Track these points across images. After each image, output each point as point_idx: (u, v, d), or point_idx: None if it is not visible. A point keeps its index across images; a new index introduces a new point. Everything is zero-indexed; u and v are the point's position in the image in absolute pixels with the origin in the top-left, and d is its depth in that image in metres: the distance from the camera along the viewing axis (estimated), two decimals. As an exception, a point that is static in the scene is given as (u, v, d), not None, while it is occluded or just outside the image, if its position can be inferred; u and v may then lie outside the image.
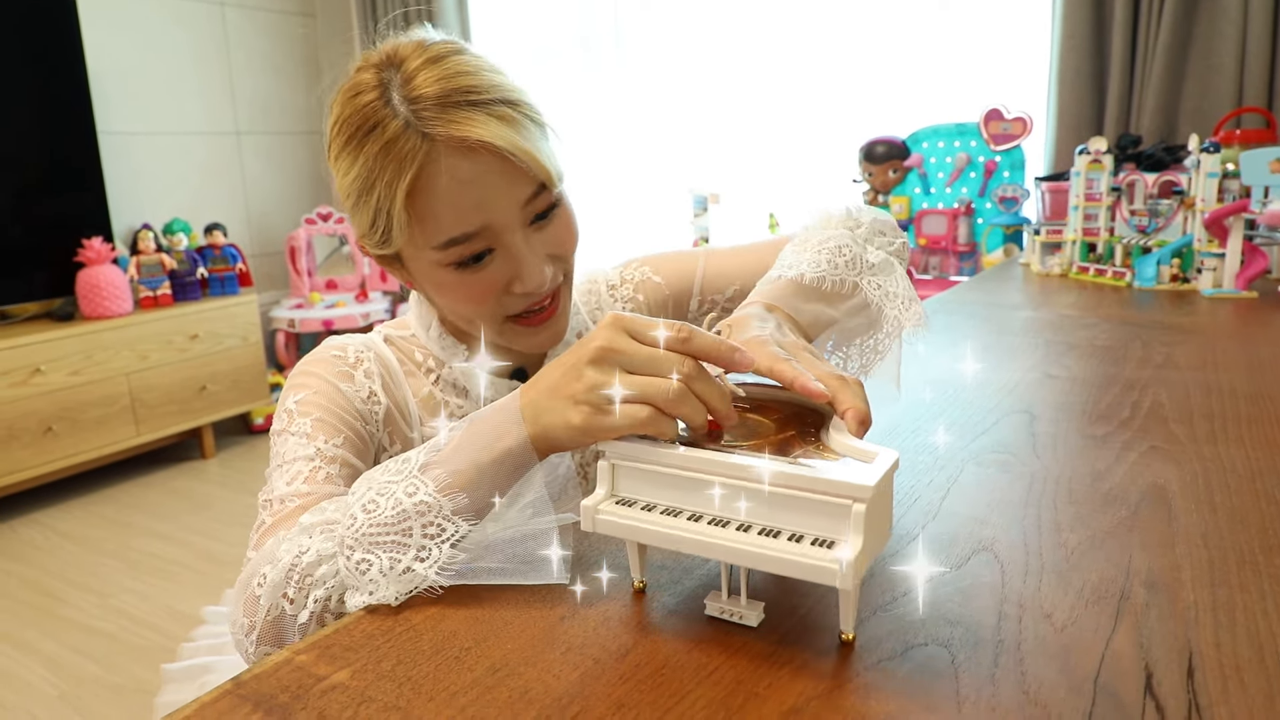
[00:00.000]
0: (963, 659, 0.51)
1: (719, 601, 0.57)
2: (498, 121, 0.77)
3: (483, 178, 0.77)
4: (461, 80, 0.77)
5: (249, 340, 3.69)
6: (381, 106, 0.77)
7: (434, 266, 0.82)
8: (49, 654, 2.22)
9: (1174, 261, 1.79)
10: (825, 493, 0.50)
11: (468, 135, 0.75)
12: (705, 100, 3.63)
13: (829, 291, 0.83)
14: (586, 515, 0.57)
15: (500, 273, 0.83)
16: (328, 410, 0.85)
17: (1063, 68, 2.70)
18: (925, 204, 3.05)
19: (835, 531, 0.50)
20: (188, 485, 3.37)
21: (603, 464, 0.58)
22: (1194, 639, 0.52)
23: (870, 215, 0.97)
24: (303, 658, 0.54)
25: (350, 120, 0.79)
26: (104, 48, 3.55)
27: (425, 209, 0.78)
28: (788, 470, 0.51)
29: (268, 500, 0.81)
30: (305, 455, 0.81)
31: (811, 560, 0.49)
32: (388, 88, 0.78)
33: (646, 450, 0.56)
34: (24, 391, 2.99)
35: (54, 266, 3.29)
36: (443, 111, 0.76)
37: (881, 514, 0.52)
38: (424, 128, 0.76)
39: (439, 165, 0.76)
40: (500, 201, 0.79)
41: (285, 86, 4.33)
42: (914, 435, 0.91)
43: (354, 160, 0.79)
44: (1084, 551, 0.63)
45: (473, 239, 0.80)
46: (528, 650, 0.54)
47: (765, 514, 0.52)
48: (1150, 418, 0.95)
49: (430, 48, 0.80)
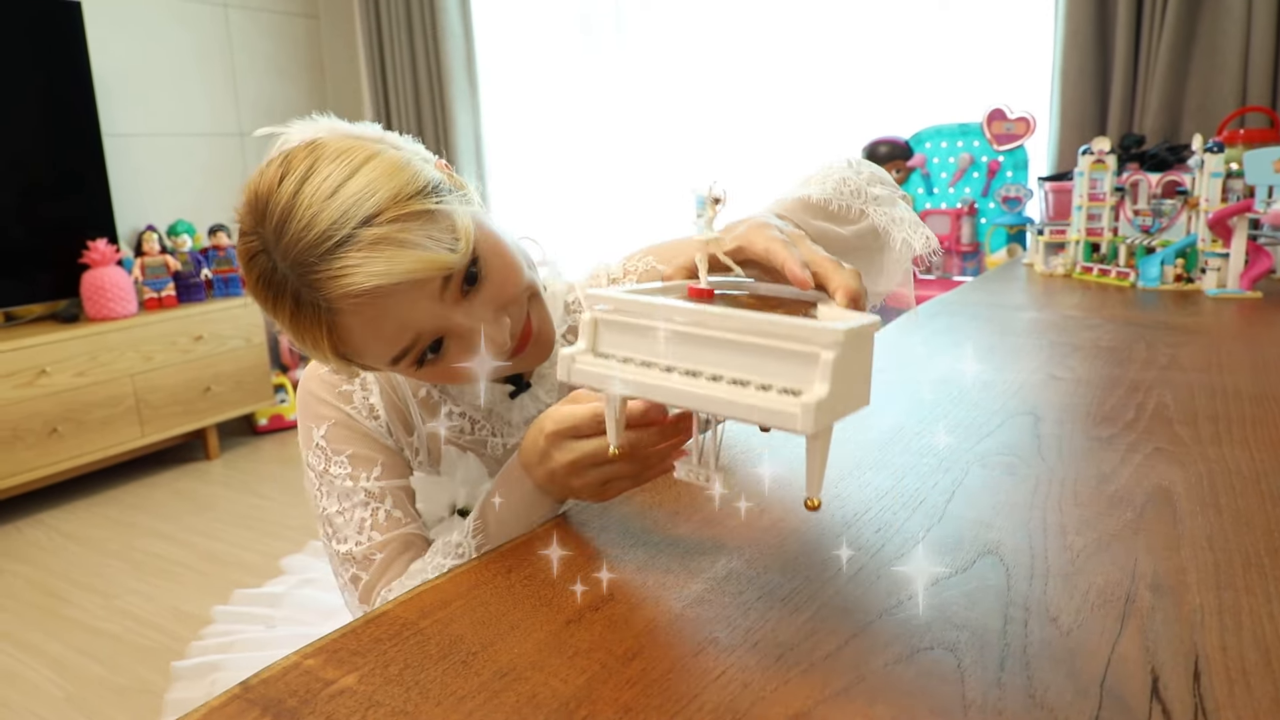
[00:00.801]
0: (969, 663, 0.51)
1: (688, 465, 0.57)
2: (371, 255, 0.72)
3: (388, 307, 0.74)
4: (320, 221, 0.72)
5: (253, 341, 3.70)
6: (271, 275, 0.75)
7: (403, 370, 0.81)
8: (54, 655, 2.23)
9: (1178, 262, 1.78)
10: (794, 339, 0.49)
11: (351, 288, 0.72)
12: (708, 99, 3.63)
13: (836, 212, 0.85)
14: (564, 365, 0.57)
15: (462, 348, 0.80)
16: (356, 441, 0.93)
17: (1066, 67, 2.70)
18: (928, 204, 3.05)
19: (804, 381, 0.49)
20: (192, 486, 3.38)
21: (586, 317, 0.58)
22: (1200, 642, 0.52)
23: (870, 167, 0.97)
24: (311, 662, 0.54)
25: (255, 291, 0.78)
26: (108, 50, 3.56)
27: (357, 349, 0.78)
28: (760, 318, 0.50)
29: (349, 556, 0.91)
30: (359, 501, 0.91)
31: (773, 405, 0.48)
32: (269, 250, 0.74)
33: (628, 303, 0.56)
34: (29, 393, 3.00)
35: (59, 268, 3.30)
36: (318, 267, 0.72)
37: (855, 373, 0.50)
38: (312, 295, 0.73)
39: (344, 320, 0.75)
40: (417, 310, 0.76)
41: (289, 88, 4.33)
42: (919, 437, 0.91)
43: (281, 326, 0.79)
44: (1089, 554, 0.64)
45: (414, 346, 0.78)
46: (534, 654, 0.54)
47: (738, 365, 0.51)
48: (1155, 419, 0.95)
49: (286, 176, 0.75)
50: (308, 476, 0.95)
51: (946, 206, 3.01)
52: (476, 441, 0.99)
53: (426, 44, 4.06)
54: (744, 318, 0.51)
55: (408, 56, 4.14)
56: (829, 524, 0.71)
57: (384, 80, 4.28)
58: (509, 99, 4.10)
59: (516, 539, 0.71)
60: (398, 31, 4.13)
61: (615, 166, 3.85)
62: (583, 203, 3.92)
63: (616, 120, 3.83)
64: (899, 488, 0.78)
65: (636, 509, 0.76)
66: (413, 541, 0.92)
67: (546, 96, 4.00)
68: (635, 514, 0.75)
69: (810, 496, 0.52)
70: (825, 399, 0.47)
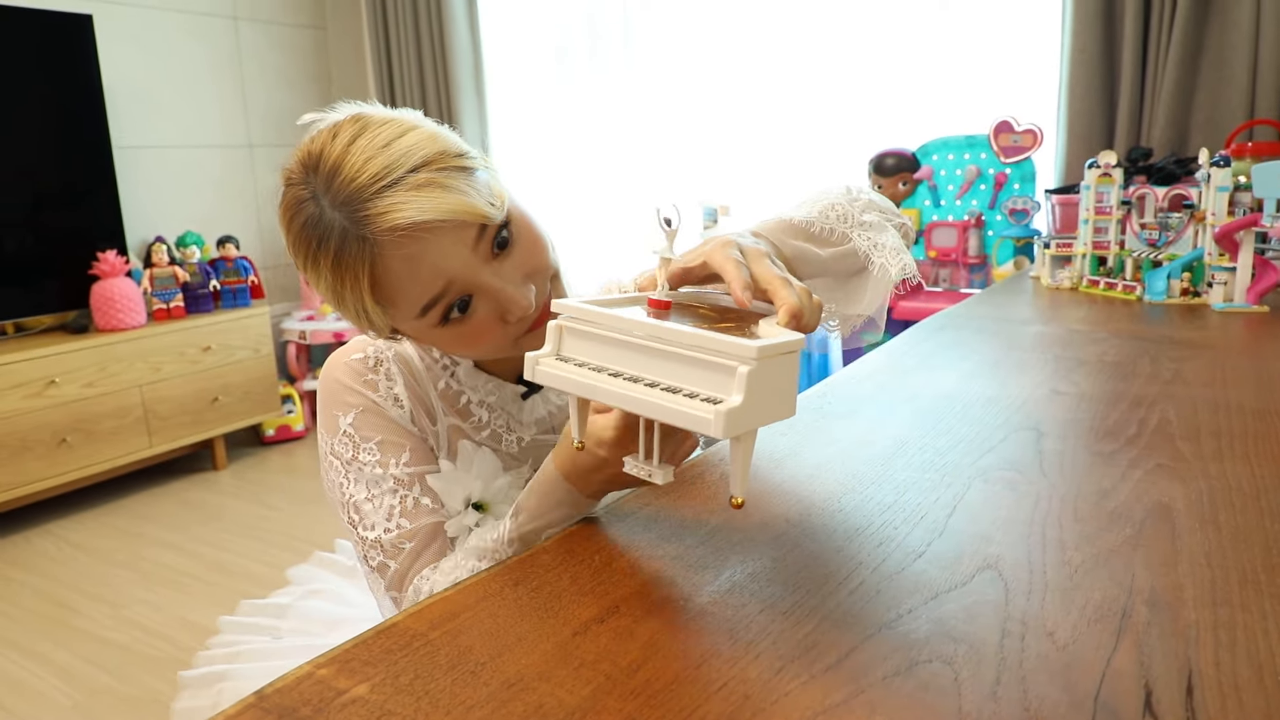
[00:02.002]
0: (966, 676, 0.52)
1: (635, 460, 0.64)
2: (418, 195, 0.78)
3: (427, 247, 0.80)
4: (373, 165, 0.79)
5: (261, 352, 3.72)
6: (319, 219, 0.80)
7: (427, 329, 0.86)
8: (62, 664, 2.24)
9: (1184, 275, 1.79)
10: (718, 353, 0.55)
11: (397, 222, 0.77)
12: (715, 112, 3.65)
13: (817, 235, 0.89)
14: (529, 365, 0.65)
15: (488, 311, 0.85)
16: (383, 428, 0.95)
17: (1073, 79, 2.71)
18: (935, 216, 3.06)
19: (724, 390, 0.55)
20: (199, 496, 3.39)
21: (552, 324, 0.65)
22: (1194, 658, 0.53)
23: (869, 195, 1.00)
24: (323, 671, 0.55)
25: (299, 240, 0.83)
26: (119, 62, 3.59)
27: (391, 294, 0.82)
28: (688, 332, 0.57)
29: (377, 543, 0.92)
30: (389, 488, 0.93)
31: (695, 411, 0.55)
32: (317, 197, 0.80)
33: (584, 312, 0.63)
34: (39, 403, 3.02)
35: (68, 279, 3.32)
36: (368, 204, 0.78)
37: (775, 386, 0.56)
38: (359, 230, 0.78)
39: (385, 256, 0.79)
40: (452, 257, 0.81)
41: (297, 99, 4.36)
42: (921, 451, 0.92)
43: (317, 275, 0.83)
44: (1087, 570, 0.64)
45: (444, 295, 0.83)
46: (541, 665, 0.55)
47: (674, 374, 0.58)
48: (1157, 435, 0.95)
49: (337, 136, 0.82)
50: (331, 465, 0.96)
51: (953, 219, 3.02)
52: (492, 436, 1.01)
53: (434, 55, 4.09)
54: (679, 332, 0.58)
55: (415, 68, 4.17)
56: (830, 538, 0.72)
57: (391, 91, 4.30)
58: (516, 111, 4.12)
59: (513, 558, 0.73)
60: (405, 43, 4.16)
61: (622, 179, 3.87)
62: (589, 214, 3.94)
63: (624, 133, 3.85)
64: (901, 502, 0.78)
65: (641, 523, 0.77)
66: (439, 530, 0.93)
67: (553, 108, 4.02)
68: (639, 528, 0.76)
69: (734, 495, 0.58)
70: (738, 408, 0.53)
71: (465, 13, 4.02)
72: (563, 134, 4.00)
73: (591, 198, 3.95)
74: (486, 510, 0.95)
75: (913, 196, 3.09)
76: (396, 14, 4.16)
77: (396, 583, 0.92)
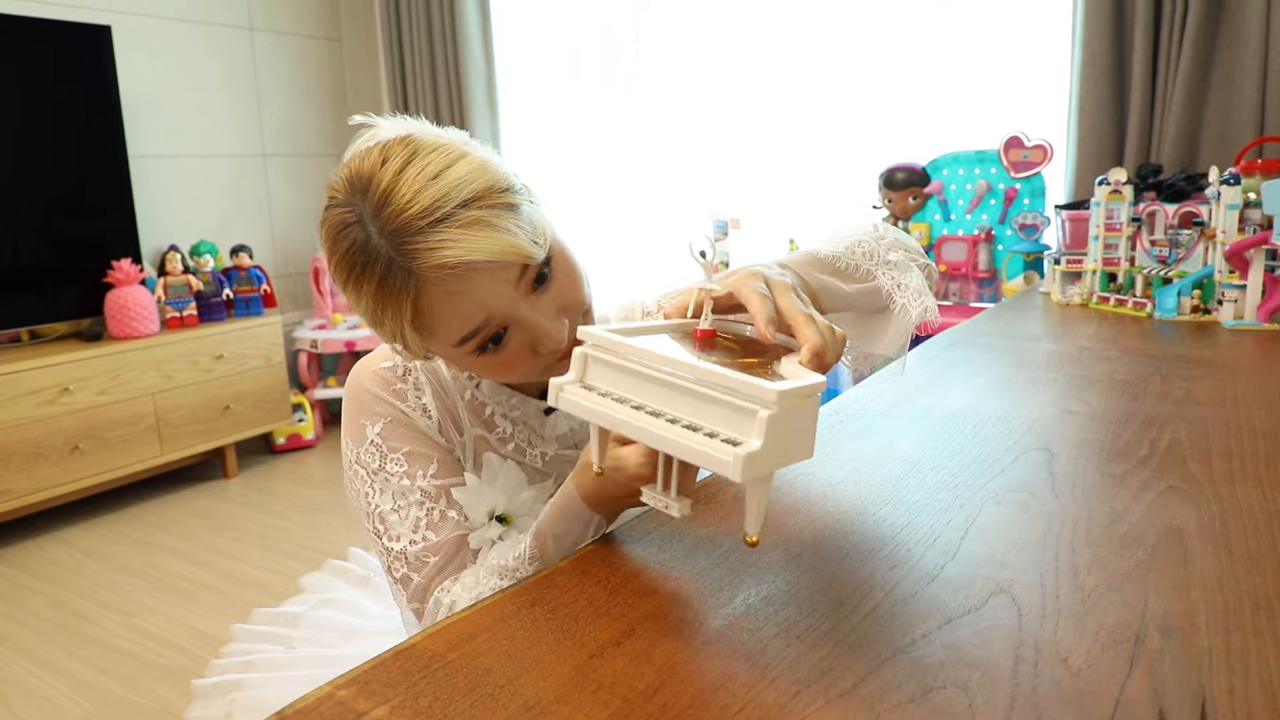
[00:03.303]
0: (980, 702, 0.52)
1: (653, 492, 0.64)
2: (466, 233, 0.79)
3: (471, 285, 0.81)
4: (423, 198, 0.79)
5: (272, 361, 3.73)
6: (365, 245, 0.81)
7: (462, 356, 0.87)
8: (74, 673, 2.25)
9: (1195, 293, 1.79)
10: (740, 394, 0.55)
11: (445, 260, 0.78)
12: (725, 125, 3.66)
13: (844, 270, 0.89)
14: (552, 392, 0.65)
15: (521, 342, 0.87)
16: (411, 438, 0.96)
17: (1083, 95, 2.71)
18: (945, 230, 3.06)
19: (744, 432, 0.55)
20: (210, 505, 3.41)
21: (577, 351, 0.65)
22: (1207, 685, 0.53)
23: (896, 234, 1.00)
24: (343, 693, 0.56)
25: (342, 262, 0.83)
26: (136, 72, 3.62)
27: (431, 325, 0.83)
28: (710, 370, 0.57)
29: (402, 554, 0.93)
30: (415, 500, 0.94)
31: (714, 452, 0.54)
32: (364, 222, 0.81)
33: (610, 342, 0.63)
34: (52, 410, 3.04)
35: (83, 287, 3.35)
36: (417, 238, 0.78)
37: (795, 429, 0.56)
38: (406, 263, 0.79)
39: (429, 290, 0.80)
40: (494, 292, 0.82)
41: (311, 109, 4.39)
42: (934, 472, 0.92)
43: (358, 297, 0.84)
44: (1100, 594, 0.65)
45: (483, 328, 0.84)
46: (559, 688, 0.55)
47: (695, 410, 0.58)
48: (1168, 456, 0.96)
49: (388, 160, 0.81)
50: (356, 474, 0.97)
51: (963, 233, 3.02)
52: (517, 450, 1.02)
53: (448, 68, 4.11)
54: (702, 369, 0.57)
55: (429, 80, 4.19)
56: (845, 560, 0.72)
57: (405, 103, 4.33)
58: (529, 124, 4.14)
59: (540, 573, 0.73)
60: (419, 55, 4.18)
61: (634, 191, 3.88)
62: (601, 226, 3.95)
63: (635, 145, 3.86)
64: (914, 523, 0.79)
65: (655, 544, 0.77)
66: (463, 544, 0.94)
67: (565, 121, 4.04)
68: (654, 548, 0.76)
69: (748, 533, 0.58)
70: (757, 452, 0.53)
71: (479, 25, 4.05)
72: (575, 146, 4.02)
73: (603, 210, 3.96)
74: (510, 523, 0.96)
75: (923, 211, 3.10)
76: (411, 26, 4.19)
77: (419, 595, 0.93)
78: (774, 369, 0.62)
